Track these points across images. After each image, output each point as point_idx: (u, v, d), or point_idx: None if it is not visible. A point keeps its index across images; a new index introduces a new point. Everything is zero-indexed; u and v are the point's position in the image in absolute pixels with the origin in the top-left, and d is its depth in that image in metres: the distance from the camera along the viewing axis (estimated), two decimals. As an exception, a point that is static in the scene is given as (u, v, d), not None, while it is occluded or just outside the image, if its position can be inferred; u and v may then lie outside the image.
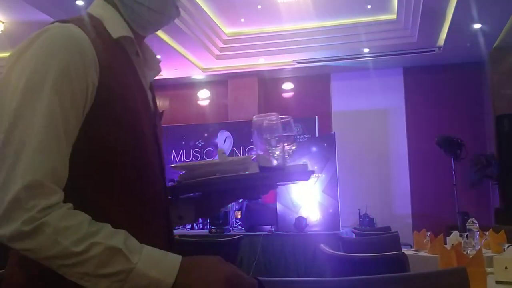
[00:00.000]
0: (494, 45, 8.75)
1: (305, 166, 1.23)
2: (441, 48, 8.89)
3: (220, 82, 10.74)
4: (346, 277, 0.96)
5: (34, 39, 0.88)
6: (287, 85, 10.68)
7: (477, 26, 7.84)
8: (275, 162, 1.19)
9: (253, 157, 1.20)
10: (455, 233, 3.63)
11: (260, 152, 1.21)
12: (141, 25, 1.04)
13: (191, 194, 1.22)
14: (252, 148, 10.22)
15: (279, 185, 1.32)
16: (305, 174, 1.21)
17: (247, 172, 1.12)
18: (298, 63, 9.79)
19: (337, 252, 1.78)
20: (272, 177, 1.17)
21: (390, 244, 2.52)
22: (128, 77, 0.98)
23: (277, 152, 1.21)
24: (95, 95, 0.89)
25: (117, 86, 0.93)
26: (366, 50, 9.20)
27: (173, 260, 0.84)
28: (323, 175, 8.04)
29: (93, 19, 0.99)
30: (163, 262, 0.83)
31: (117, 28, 0.99)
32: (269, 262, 7.30)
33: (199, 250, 2.96)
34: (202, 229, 8.67)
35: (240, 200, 9.14)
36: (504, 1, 6.92)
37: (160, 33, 8.53)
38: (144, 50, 1.09)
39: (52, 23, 0.92)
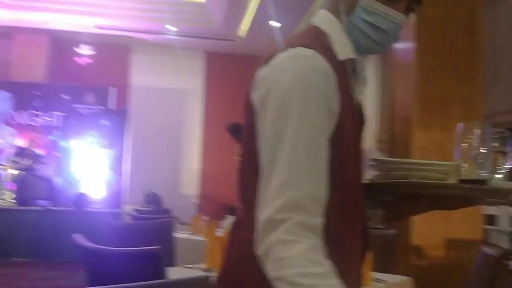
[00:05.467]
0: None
1: None
2: (243, 39, 9.25)
3: (2, 34, 9.38)
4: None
5: (286, 63, 0.97)
6: (84, 50, 9.87)
7: (276, 24, 8.35)
8: (479, 175, 1.06)
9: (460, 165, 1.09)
10: (230, 217, 3.76)
11: (462, 162, 1.09)
12: (358, 49, 1.08)
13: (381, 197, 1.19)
14: (35, 113, 9.21)
15: (488, 201, 1.24)
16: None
17: (447, 182, 1.06)
18: (99, 28, 9.13)
19: (90, 245, 1.60)
20: (474, 192, 1.06)
21: (163, 230, 2.46)
22: (347, 95, 1.03)
23: (486, 164, 1.07)
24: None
25: (345, 107, 1.00)
26: (170, 27, 9.05)
27: None
28: (113, 151, 7.67)
29: (320, 33, 1.06)
30: None
31: (343, 49, 1.05)
32: (42, 241, 6.68)
33: None
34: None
35: (16, 171, 8.18)
36: (300, 4, 7.50)
37: None
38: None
39: (293, 46, 0.98)
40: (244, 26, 8.83)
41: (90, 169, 7.48)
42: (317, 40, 1.03)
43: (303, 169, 0.92)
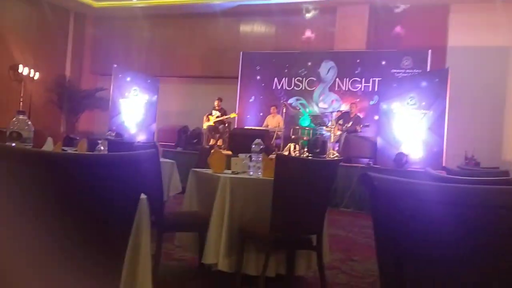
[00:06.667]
0: None
1: None
2: None
3: (328, 9, 10.36)
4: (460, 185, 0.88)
5: None
6: (401, 15, 10.04)
7: None
8: None
9: None
10: None
11: None
12: None
13: None
14: (356, 80, 9.94)
15: None
16: None
17: None
18: (415, -9, 9.11)
19: (446, 175, 1.67)
20: None
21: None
22: None
23: None
24: None
25: None
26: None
27: None
28: (431, 112, 7.64)
29: None
30: None
31: None
32: (364, 194, 7.22)
33: (301, 167, 2.99)
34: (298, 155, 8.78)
35: (338, 132, 9.06)
36: None
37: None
38: None
39: None
40: None
41: (410, 130, 7.66)
42: None
43: None
